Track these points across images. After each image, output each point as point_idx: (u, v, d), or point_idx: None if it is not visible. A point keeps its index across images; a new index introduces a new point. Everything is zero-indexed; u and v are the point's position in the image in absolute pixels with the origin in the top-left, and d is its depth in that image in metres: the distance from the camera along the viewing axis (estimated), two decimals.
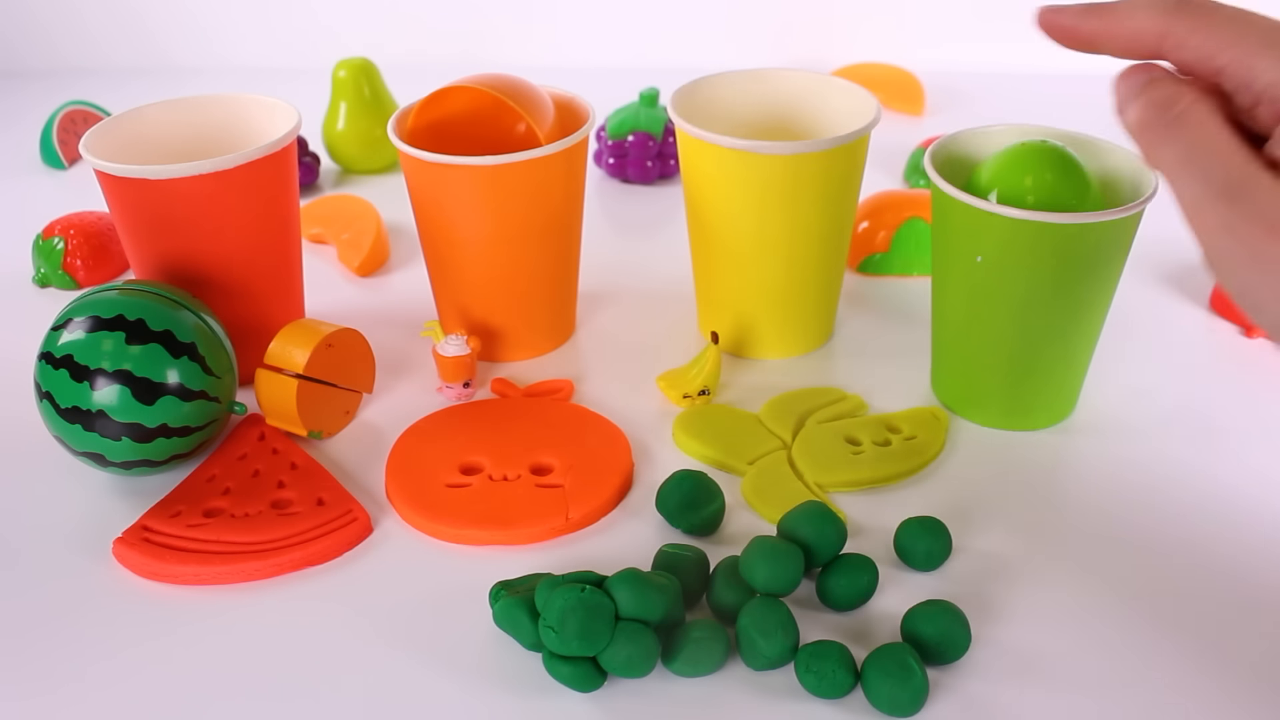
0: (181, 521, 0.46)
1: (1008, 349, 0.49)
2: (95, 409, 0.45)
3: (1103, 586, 0.43)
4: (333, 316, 0.61)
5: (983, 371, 0.51)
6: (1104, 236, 0.46)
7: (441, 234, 0.54)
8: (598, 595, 0.38)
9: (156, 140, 0.56)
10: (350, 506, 0.47)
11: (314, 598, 0.43)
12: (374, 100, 0.79)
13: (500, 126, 0.59)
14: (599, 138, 0.80)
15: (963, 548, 0.45)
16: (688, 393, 0.53)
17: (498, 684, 0.40)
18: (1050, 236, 0.46)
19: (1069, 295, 0.48)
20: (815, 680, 0.38)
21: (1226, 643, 0.41)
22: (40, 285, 0.66)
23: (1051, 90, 0.86)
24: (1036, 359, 0.50)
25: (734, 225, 0.53)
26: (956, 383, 0.53)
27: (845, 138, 0.51)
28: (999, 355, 0.50)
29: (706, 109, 0.57)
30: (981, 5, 1.00)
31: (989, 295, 0.48)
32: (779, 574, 0.40)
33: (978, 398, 0.52)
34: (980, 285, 0.48)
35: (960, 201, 0.47)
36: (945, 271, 0.50)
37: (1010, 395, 0.51)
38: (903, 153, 0.81)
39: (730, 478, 0.49)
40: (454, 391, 0.55)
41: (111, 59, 1.04)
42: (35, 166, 0.84)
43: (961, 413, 0.53)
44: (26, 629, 0.42)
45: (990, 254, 0.47)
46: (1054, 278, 0.47)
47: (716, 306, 0.58)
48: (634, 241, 0.72)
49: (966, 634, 0.40)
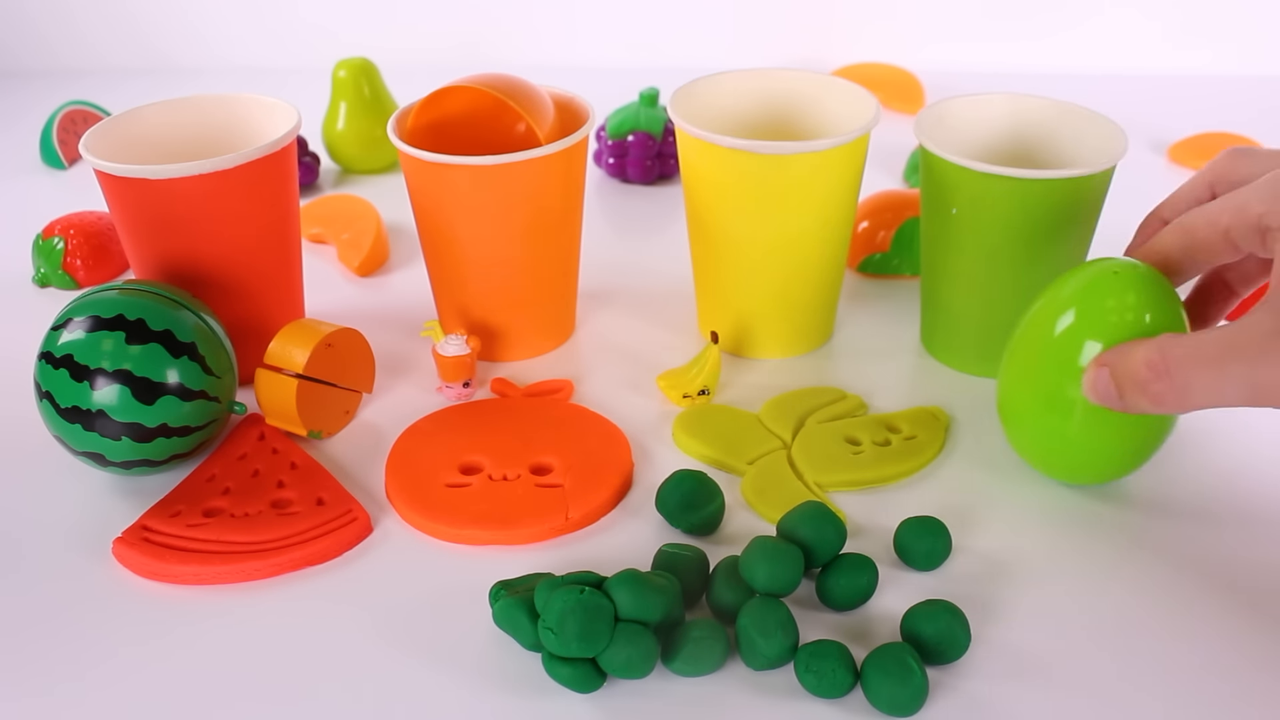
0: (181, 521, 0.46)
1: (979, 297, 0.54)
2: (95, 409, 0.45)
3: (1103, 586, 0.43)
4: (333, 316, 0.61)
5: (956, 318, 0.55)
6: (1071, 194, 0.50)
7: (441, 234, 0.54)
8: (597, 597, 0.38)
9: (156, 140, 0.56)
10: (350, 506, 0.47)
11: (314, 598, 0.43)
12: (374, 100, 0.79)
13: (500, 126, 0.60)
14: (599, 138, 0.80)
15: (963, 548, 0.45)
16: (688, 392, 0.53)
17: (498, 684, 0.40)
18: (1017, 191, 0.49)
19: (1036, 249, 0.51)
20: (815, 680, 0.38)
21: (1228, 642, 0.41)
22: (40, 285, 0.66)
23: (1051, 90, 0.86)
24: (1006, 308, 0.52)
25: (734, 225, 0.54)
26: (935, 327, 0.57)
27: (845, 138, 0.51)
28: (972, 302, 0.54)
29: (706, 109, 0.57)
30: (981, 5, 1.00)
31: (962, 245, 0.53)
32: (779, 574, 0.40)
33: (954, 343, 0.56)
34: (955, 235, 0.53)
35: (937, 156, 0.51)
36: (927, 222, 0.55)
37: (981, 342, 0.55)
38: (903, 153, 0.81)
39: (730, 478, 0.49)
40: (454, 391, 0.55)
41: (111, 59, 1.04)
42: (35, 166, 0.84)
43: (940, 357, 0.57)
44: (26, 629, 0.42)
45: (963, 206, 0.51)
46: (1022, 231, 0.51)
47: (716, 306, 0.58)
48: (634, 241, 0.72)
49: (966, 634, 0.40)
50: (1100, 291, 0.43)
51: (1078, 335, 0.43)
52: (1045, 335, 0.44)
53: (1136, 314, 0.42)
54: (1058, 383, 0.44)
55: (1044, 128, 0.56)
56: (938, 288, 0.55)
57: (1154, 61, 1.00)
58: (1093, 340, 0.43)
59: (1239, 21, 0.99)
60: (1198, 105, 0.92)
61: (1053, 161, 0.56)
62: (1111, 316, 0.42)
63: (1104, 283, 0.43)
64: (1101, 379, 0.42)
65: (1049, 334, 0.44)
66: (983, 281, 0.53)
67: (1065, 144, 0.55)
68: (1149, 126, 0.87)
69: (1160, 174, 0.80)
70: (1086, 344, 0.43)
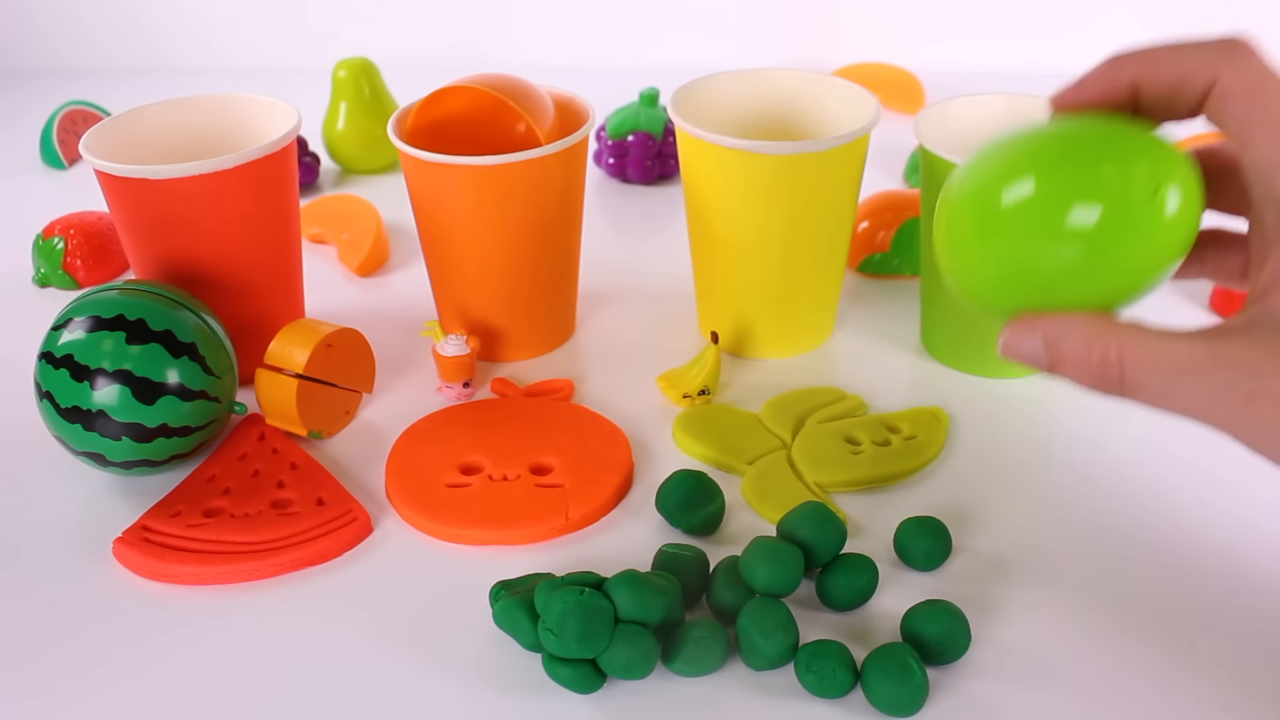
0: (181, 521, 0.46)
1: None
2: (95, 409, 0.45)
3: (1103, 586, 0.43)
4: (333, 316, 0.61)
5: (956, 317, 0.55)
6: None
7: (441, 234, 0.54)
8: (596, 598, 0.38)
9: (156, 140, 0.56)
10: (350, 506, 0.47)
11: (314, 598, 0.43)
12: (374, 100, 0.79)
13: (500, 126, 0.60)
14: (599, 138, 0.80)
15: (963, 548, 0.45)
16: (688, 392, 0.53)
17: (498, 684, 0.40)
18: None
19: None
20: (815, 680, 0.38)
21: (1228, 642, 0.41)
22: (40, 285, 0.66)
23: (1051, 90, 0.86)
24: None
25: (734, 225, 0.54)
26: (935, 327, 0.57)
27: (845, 138, 0.51)
28: None
29: (706, 109, 0.57)
30: (981, 5, 1.00)
31: None
32: (779, 574, 0.40)
33: (954, 343, 0.56)
34: None
35: (937, 156, 0.51)
36: (927, 222, 0.54)
37: (981, 342, 0.55)
38: (903, 153, 0.81)
39: (730, 478, 0.49)
40: (454, 391, 0.55)
41: (111, 59, 1.04)
42: (35, 166, 0.84)
43: (940, 357, 0.57)
44: (26, 629, 0.42)
45: None
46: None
47: (716, 306, 0.58)
48: (634, 241, 0.72)
49: (966, 634, 0.40)
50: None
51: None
52: None
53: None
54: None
55: None
56: (938, 288, 0.55)
57: None
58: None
59: (1239, 22, 0.98)
60: None
61: None
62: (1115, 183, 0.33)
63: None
64: (1029, 347, 0.35)
65: None
66: None
67: None
68: None
69: None
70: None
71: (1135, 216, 0.33)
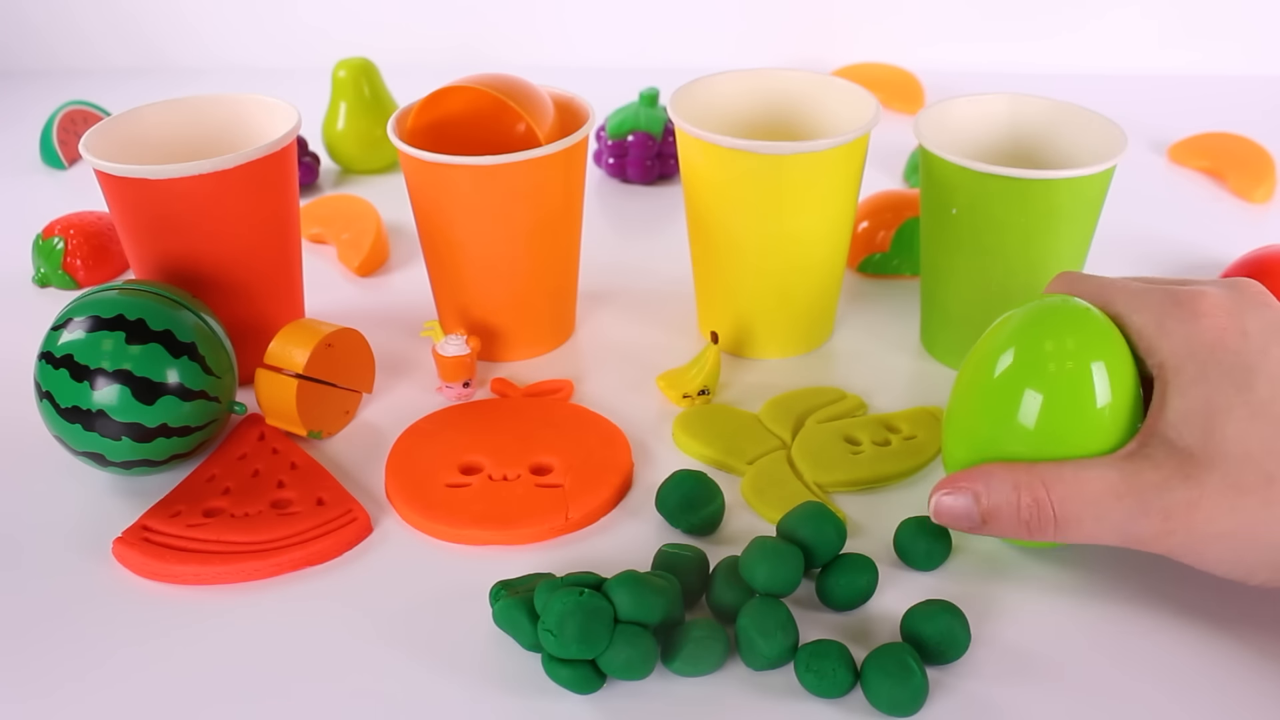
0: (181, 521, 0.46)
1: (979, 297, 0.53)
2: (95, 409, 0.45)
3: (1103, 586, 0.43)
4: (333, 316, 0.61)
5: (956, 317, 0.55)
6: (1070, 194, 0.50)
7: (441, 234, 0.54)
8: (596, 598, 0.38)
9: (156, 140, 0.56)
10: (350, 506, 0.47)
11: (314, 598, 0.43)
12: (374, 100, 0.79)
13: (500, 126, 0.60)
14: (599, 138, 0.80)
15: (963, 548, 0.45)
16: (688, 393, 0.53)
17: (498, 684, 0.40)
18: (1017, 191, 0.50)
19: (1035, 249, 0.51)
20: (815, 680, 0.38)
21: (1228, 642, 0.41)
22: (40, 285, 0.66)
23: (1051, 90, 0.86)
24: (1006, 309, 0.49)
25: (734, 225, 0.54)
26: (935, 327, 0.57)
27: (845, 138, 0.51)
28: (972, 302, 0.54)
29: (706, 109, 0.57)
30: (981, 5, 1.00)
31: (961, 244, 0.53)
32: (779, 574, 0.40)
33: (954, 343, 0.56)
34: (954, 235, 0.53)
35: (937, 156, 0.51)
36: (927, 222, 0.55)
37: None
38: (903, 153, 0.81)
39: (730, 478, 0.49)
40: (454, 391, 0.55)
41: (111, 59, 1.04)
42: (35, 166, 0.84)
43: (940, 357, 0.57)
44: (26, 629, 0.42)
45: (963, 206, 0.51)
46: (1021, 231, 0.51)
47: (716, 306, 0.58)
48: (634, 241, 0.72)
49: (966, 634, 0.40)
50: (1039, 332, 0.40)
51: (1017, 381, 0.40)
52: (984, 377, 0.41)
53: (1078, 361, 0.39)
54: (993, 433, 0.41)
55: (1044, 128, 0.56)
56: (938, 288, 0.55)
57: (1153, 61, 1.00)
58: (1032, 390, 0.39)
59: (1239, 21, 0.99)
60: (1197, 105, 0.92)
61: (1052, 162, 0.56)
62: (1050, 364, 0.39)
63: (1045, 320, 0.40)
64: (959, 505, 0.40)
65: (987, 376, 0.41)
66: (983, 281, 0.53)
67: (1065, 144, 0.55)
68: (1148, 126, 0.87)
69: (1160, 174, 0.80)
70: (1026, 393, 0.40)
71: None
